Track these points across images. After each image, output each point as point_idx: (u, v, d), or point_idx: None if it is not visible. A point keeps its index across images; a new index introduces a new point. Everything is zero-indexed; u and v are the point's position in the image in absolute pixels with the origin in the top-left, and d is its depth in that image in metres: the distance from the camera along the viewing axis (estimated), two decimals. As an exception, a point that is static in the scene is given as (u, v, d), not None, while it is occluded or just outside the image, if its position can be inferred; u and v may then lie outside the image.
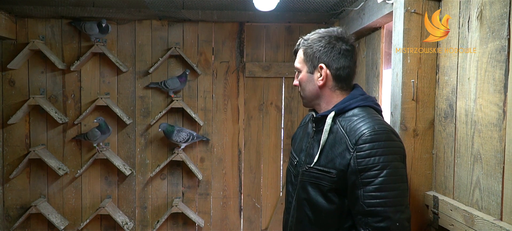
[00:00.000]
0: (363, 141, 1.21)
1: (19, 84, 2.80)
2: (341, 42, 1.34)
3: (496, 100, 1.30)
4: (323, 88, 1.36)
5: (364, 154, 1.20)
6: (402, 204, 1.20)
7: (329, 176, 1.28)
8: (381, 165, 1.19)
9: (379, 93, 2.35)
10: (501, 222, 1.27)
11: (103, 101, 2.74)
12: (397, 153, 1.23)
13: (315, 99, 1.40)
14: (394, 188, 1.19)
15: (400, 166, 1.22)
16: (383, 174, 1.18)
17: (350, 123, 1.28)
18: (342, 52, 1.33)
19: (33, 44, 2.65)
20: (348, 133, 1.26)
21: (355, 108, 1.31)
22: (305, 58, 1.38)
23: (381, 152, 1.20)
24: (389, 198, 1.18)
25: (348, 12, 2.58)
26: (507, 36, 1.26)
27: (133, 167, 2.93)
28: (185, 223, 2.98)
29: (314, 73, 1.36)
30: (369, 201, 1.19)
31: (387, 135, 1.23)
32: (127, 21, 2.86)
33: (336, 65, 1.33)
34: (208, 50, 2.94)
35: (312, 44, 1.36)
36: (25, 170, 2.84)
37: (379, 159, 1.19)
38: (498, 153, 1.29)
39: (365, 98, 1.34)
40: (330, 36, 1.35)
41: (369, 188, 1.19)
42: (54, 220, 2.74)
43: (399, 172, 1.21)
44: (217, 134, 2.98)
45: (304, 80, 1.39)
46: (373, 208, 1.18)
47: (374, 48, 2.42)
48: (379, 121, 1.27)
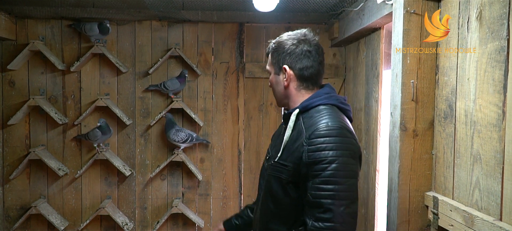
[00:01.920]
0: (315, 135, 1.27)
1: (19, 85, 2.80)
2: (304, 44, 1.41)
3: (495, 101, 1.30)
4: (288, 88, 1.43)
5: (315, 147, 1.26)
6: (347, 198, 1.24)
7: (287, 169, 1.34)
8: (330, 159, 1.23)
9: (378, 94, 2.35)
10: (501, 223, 1.27)
11: (103, 102, 2.74)
12: (348, 149, 1.27)
13: (284, 99, 1.47)
14: (340, 182, 1.23)
15: (350, 162, 1.26)
16: (331, 167, 1.23)
17: (310, 119, 1.33)
18: (304, 53, 1.39)
19: (33, 45, 2.65)
20: (306, 128, 1.32)
21: (319, 106, 1.36)
22: (272, 61, 1.46)
23: (331, 146, 1.24)
24: (334, 191, 1.22)
25: (348, 12, 2.58)
26: (507, 37, 1.26)
27: (133, 167, 2.93)
28: (185, 223, 2.98)
29: (280, 75, 1.44)
30: (315, 193, 1.24)
31: (339, 131, 1.27)
32: (127, 22, 2.86)
33: (299, 65, 1.40)
34: (208, 51, 2.94)
35: (277, 47, 1.44)
36: (25, 171, 2.84)
37: (329, 153, 1.24)
38: (498, 153, 1.29)
39: (329, 96, 1.39)
40: (293, 38, 1.42)
41: (317, 180, 1.24)
42: (54, 221, 2.74)
43: (348, 167, 1.25)
44: (217, 134, 2.98)
45: (273, 82, 1.48)
46: (318, 200, 1.23)
47: (374, 48, 2.42)
48: (335, 118, 1.32)
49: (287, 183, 1.34)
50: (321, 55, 1.44)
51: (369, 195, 2.48)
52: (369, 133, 2.50)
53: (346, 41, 2.81)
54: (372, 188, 2.43)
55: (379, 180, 2.38)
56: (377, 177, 2.38)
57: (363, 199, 2.59)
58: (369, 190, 2.49)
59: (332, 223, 1.22)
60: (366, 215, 2.53)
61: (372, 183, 2.44)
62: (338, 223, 1.22)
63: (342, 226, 1.23)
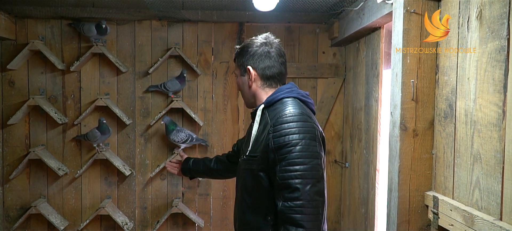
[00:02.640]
0: (279, 122, 1.38)
1: (19, 85, 2.80)
2: (265, 46, 1.54)
3: (495, 100, 1.30)
4: (253, 87, 1.55)
5: (279, 133, 1.37)
6: (313, 177, 1.34)
7: (256, 159, 1.44)
8: (294, 142, 1.34)
9: (378, 93, 2.35)
10: (501, 222, 1.27)
11: (103, 102, 2.74)
12: (309, 133, 1.37)
13: (251, 99, 1.59)
14: (305, 162, 1.33)
15: (312, 144, 1.36)
16: (296, 150, 1.34)
17: (274, 110, 1.45)
18: (265, 54, 1.53)
19: (32, 44, 2.65)
20: (271, 118, 1.43)
21: (282, 99, 1.48)
22: (237, 64, 1.59)
23: (294, 131, 1.35)
24: (300, 171, 1.33)
25: (348, 12, 2.58)
26: (507, 36, 1.25)
27: (133, 167, 2.93)
28: (185, 223, 2.98)
29: (245, 76, 1.56)
30: (282, 175, 1.34)
31: (301, 116, 1.39)
32: (127, 22, 2.85)
33: (262, 65, 1.52)
34: (208, 51, 2.94)
35: (241, 51, 1.57)
36: (25, 171, 2.84)
37: (293, 137, 1.35)
38: (498, 153, 1.29)
39: (290, 91, 1.51)
40: (256, 42, 1.56)
41: (283, 163, 1.34)
42: (54, 221, 2.74)
43: (311, 148, 1.35)
44: (217, 134, 2.98)
45: (240, 84, 1.60)
46: (286, 181, 1.33)
47: (374, 48, 2.42)
48: (297, 106, 1.43)
49: (258, 172, 1.44)
50: (283, 57, 1.57)
51: (369, 194, 2.48)
52: (369, 133, 2.50)
53: (346, 40, 2.81)
54: (372, 188, 2.43)
55: (379, 179, 2.38)
56: (377, 176, 2.38)
57: (363, 198, 2.59)
58: (369, 189, 2.49)
59: (300, 200, 1.32)
60: (366, 215, 2.53)
61: (372, 182, 2.44)
62: (306, 200, 1.32)
63: (310, 203, 1.33)
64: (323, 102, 3.01)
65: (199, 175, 2.16)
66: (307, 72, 2.99)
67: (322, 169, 1.38)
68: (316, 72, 2.99)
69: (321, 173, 1.37)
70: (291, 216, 1.33)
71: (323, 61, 3.01)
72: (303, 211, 1.32)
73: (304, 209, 1.32)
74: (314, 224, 1.34)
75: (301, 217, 1.32)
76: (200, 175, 2.16)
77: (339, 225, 3.09)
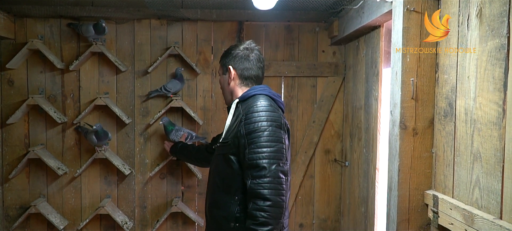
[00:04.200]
0: (251, 111, 1.62)
1: (18, 84, 2.79)
2: (246, 50, 1.79)
3: (495, 99, 1.30)
4: (231, 85, 1.79)
5: (250, 121, 1.60)
6: (278, 158, 1.55)
7: (228, 144, 1.68)
8: (262, 128, 1.57)
9: (378, 92, 2.34)
10: (501, 221, 1.27)
11: (102, 101, 2.73)
12: (275, 121, 1.60)
13: (229, 96, 1.82)
14: (271, 146, 1.56)
15: (278, 131, 1.59)
16: (264, 135, 1.56)
17: (246, 104, 1.69)
18: (245, 57, 1.78)
19: (32, 43, 2.65)
20: (243, 110, 1.67)
21: (255, 95, 1.70)
22: (221, 63, 1.85)
23: (263, 119, 1.58)
24: (267, 153, 1.54)
25: (347, 10, 2.57)
26: (507, 34, 1.25)
27: (133, 166, 2.92)
28: (185, 222, 2.98)
29: (226, 74, 1.81)
30: (251, 156, 1.56)
31: (269, 107, 1.63)
32: (126, 21, 2.85)
33: (241, 66, 1.77)
34: (207, 50, 2.93)
35: (225, 53, 1.84)
36: (24, 170, 2.84)
37: (262, 124, 1.57)
38: (498, 151, 1.29)
39: (263, 89, 1.74)
40: (239, 46, 1.80)
41: (252, 146, 1.56)
42: (54, 220, 2.74)
43: (276, 134, 1.58)
44: (217, 133, 2.97)
45: (221, 82, 1.86)
46: (254, 161, 1.55)
47: (374, 47, 2.42)
48: (267, 100, 1.67)
49: (229, 156, 1.66)
50: (261, 62, 1.82)
51: (369, 193, 2.48)
52: (369, 131, 2.49)
53: (345, 39, 2.80)
54: (372, 187, 2.43)
55: (379, 178, 2.38)
56: (377, 175, 2.38)
57: (363, 197, 2.59)
58: (369, 188, 2.49)
59: (267, 177, 1.53)
60: (366, 214, 2.53)
61: (372, 181, 2.44)
62: (272, 177, 1.53)
63: (275, 179, 1.54)
64: (323, 101, 3.01)
65: (183, 158, 2.60)
66: (307, 71, 2.98)
67: (286, 152, 1.61)
68: (316, 71, 2.99)
69: (285, 156, 1.59)
70: (259, 191, 1.53)
71: (323, 60, 3.00)
72: (270, 186, 1.53)
73: (271, 185, 1.53)
74: (280, 198, 1.55)
75: (268, 191, 1.53)
76: (183, 158, 2.60)
77: (339, 224, 3.09)
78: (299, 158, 3.03)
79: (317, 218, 3.10)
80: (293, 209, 3.08)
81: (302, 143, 3.03)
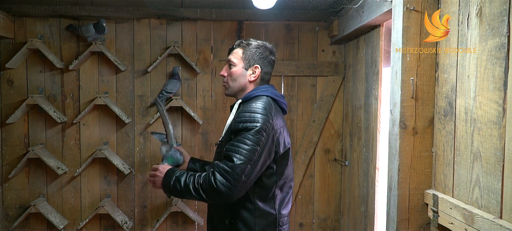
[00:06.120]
0: (244, 111, 1.62)
1: (17, 84, 2.79)
2: (271, 55, 1.79)
3: (495, 98, 1.30)
4: (251, 83, 1.76)
5: (240, 119, 1.60)
6: (247, 158, 1.54)
7: (224, 142, 1.68)
8: (249, 127, 1.57)
9: (378, 91, 2.34)
10: (501, 221, 1.26)
11: (102, 101, 2.73)
12: (264, 126, 1.58)
13: (239, 90, 1.78)
14: (248, 144, 1.55)
15: (262, 135, 1.57)
16: (246, 133, 1.56)
17: (247, 104, 1.67)
18: (270, 62, 1.79)
19: (31, 43, 2.64)
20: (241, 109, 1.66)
21: (257, 96, 1.70)
22: (243, 57, 1.76)
23: (252, 119, 1.58)
24: (240, 148, 1.54)
25: (347, 10, 2.57)
26: (507, 33, 1.25)
27: (132, 166, 2.92)
28: (185, 222, 2.98)
29: (248, 70, 1.75)
30: (228, 147, 1.58)
31: (261, 110, 1.61)
32: (126, 20, 2.85)
33: (265, 69, 1.77)
34: (207, 49, 2.93)
35: (252, 49, 1.76)
36: (24, 170, 2.84)
37: (249, 124, 1.57)
38: (498, 151, 1.29)
39: (266, 90, 1.74)
40: (265, 47, 1.78)
41: (234, 141, 1.57)
42: (54, 220, 2.74)
43: (258, 137, 1.56)
44: (216, 132, 2.98)
45: (237, 73, 1.76)
46: (228, 153, 1.56)
47: (373, 46, 2.42)
48: (266, 103, 1.65)
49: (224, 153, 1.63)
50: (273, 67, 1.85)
51: (369, 192, 2.48)
52: (369, 131, 2.49)
53: (345, 38, 2.80)
54: (372, 186, 2.43)
55: (379, 177, 2.38)
56: (377, 174, 2.38)
57: (363, 196, 2.59)
58: (369, 187, 2.49)
59: (230, 168, 1.52)
60: (366, 213, 2.53)
61: (371, 180, 2.44)
62: (231, 169, 1.52)
63: (233, 173, 1.52)
64: (323, 101, 3.01)
65: None
66: (307, 70, 2.98)
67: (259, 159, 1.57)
68: (316, 71, 2.99)
69: (257, 160, 1.56)
70: (216, 170, 1.55)
71: (323, 59, 3.00)
72: (224, 175, 1.53)
73: (226, 175, 1.52)
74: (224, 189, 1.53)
75: (220, 177, 1.53)
76: None
77: (339, 224, 3.09)
78: (299, 157, 3.03)
79: (317, 218, 3.09)
80: (293, 209, 3.08)
81: (302, 143, 3.03)
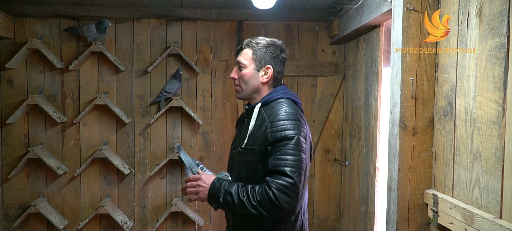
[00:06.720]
0: (277, 119, 1.55)
1: (17, 84, 2.79)
2: (282, 53, 1.70)
3: (495, 98, 1.30)
4: (264, 84, 1.67)
5: (276, 129, 1.53)
6: (299, 167, 1.49)
7: (254, 151, 1.59)
8: (289, 137, 1.51)
9: (378, 91, 2.34)
10: (501, 220, 1.26)
11: (102, 101, 2.73)
12: (301, 131, 1.55)
13: (253, 93, 1.69)
14: (295, 154, 1.50)
15: (302, 141, 1.53)
16: (290, 143, 1.50)
17: (271, 109, 1.61)
18: (282, 60, 1.70)
19: (31, 43, 2.64)
20: (268, 116, 1.59)
21: (278, 99, 1.64)
22: (253, 58, 1.67)
23: (289, 127, 1.52)
24: (290, 161, 1.49)
25: (347, 10, 2.57)
26: (507, 33, 1.25)
27: (132, 166, 2.92)
28: (185, 222, 2.98)
29: (260, 71, 1.66)
30: (275, 162, 1.50)
31: (295, 115, 1.56)
32: (126, 20, 2.85)
33: (278, 69, 1.68)
34: (207, 49, 2.93)
35: (262, 48, 1.67)
36: (24, 170, 2.83)
37: (288, 132, 1.51)
38: (498, 150, 1.29)
39: (285, 92, 1.67)
40: (275, 45, 1.69)
41: (278, 153, 1.51)
42: (54, 220, 2.74)
43: (301, 144, 1.52)
44: (216, 132, 2.98)
45: (249, 76, 1.67)
46: (277, 167, 1.49)
47: (373, 46, 2.42)
48: (292, 107, 1.61)
49: (256, 164, 1.57)
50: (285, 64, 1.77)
51: (369, 192, 2.48)
52: (369, 131, 2.49)
53: (345, 38, 2.80)
54: (372, 186, 2.43)
55: (379, 177, 2.38)
56: (377, 174, 2.38)
57: (363, 196, 2.59)
58: (368, 187, 2.49)
59: (287, 181, 1.46)
60: (366, 213, 2.53)
61: (371, 180, 2.43)
62: (286, 183, 1.46)
63: (293, 186, 1.47)
64: (323, 101, 3.01)
65: None
66: (307, 70, 2.98)
67: (306, 163, 1.55)
68: (316, 70, 2.99)
69: (304, 166, 1.53)
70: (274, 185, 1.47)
71: (323, 59, 3.00)
72: (283, 190, 1.46)
73: (285, 190, 1.46)
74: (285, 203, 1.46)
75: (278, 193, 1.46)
76: None
77: (339, 224, 3.09)
78: (299, 157, 3.02)
79: (317, 217, 3.09)
80: (293, 209, 3.08)
81: (302, 142, 3.03)
